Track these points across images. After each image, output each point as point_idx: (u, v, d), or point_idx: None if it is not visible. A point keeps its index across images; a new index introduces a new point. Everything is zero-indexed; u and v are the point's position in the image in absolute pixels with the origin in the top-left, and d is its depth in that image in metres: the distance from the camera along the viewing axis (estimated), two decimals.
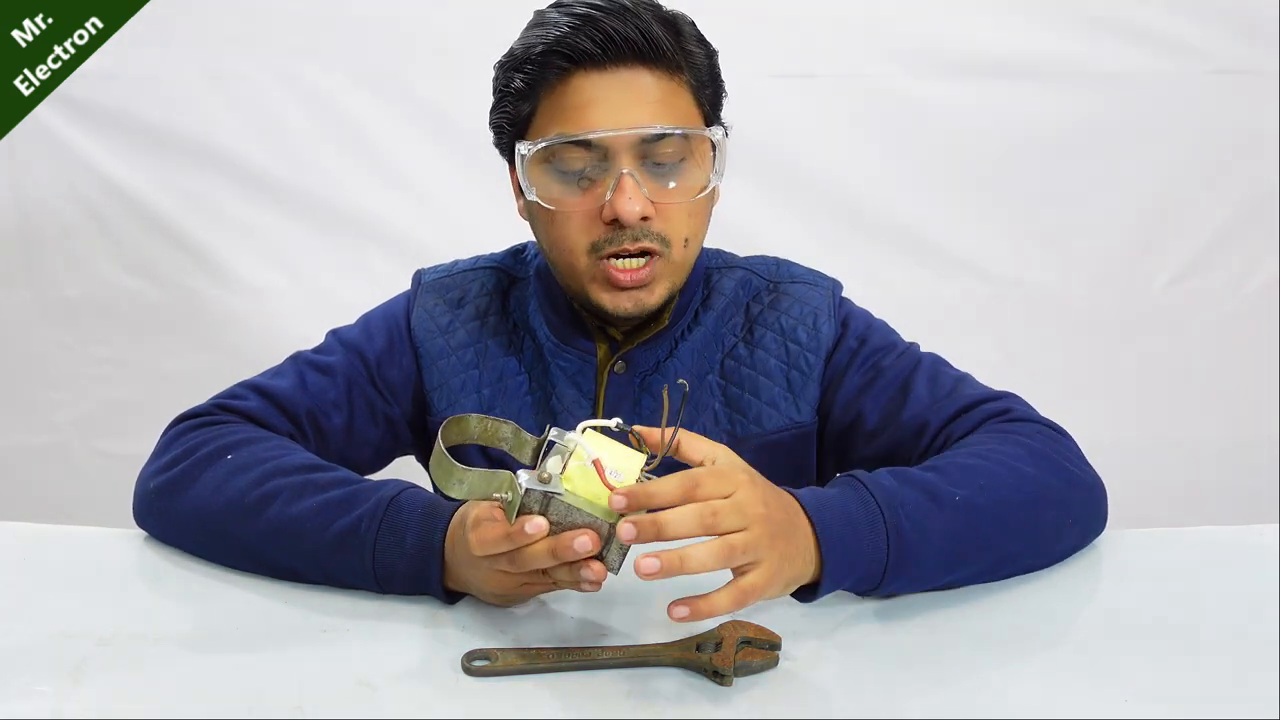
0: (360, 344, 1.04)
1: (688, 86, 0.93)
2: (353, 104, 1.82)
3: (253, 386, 0.99)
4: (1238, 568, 0.88)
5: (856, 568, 0.75)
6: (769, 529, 0.68)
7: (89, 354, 1.93)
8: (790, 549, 0.71)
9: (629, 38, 0.88)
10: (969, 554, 0.80)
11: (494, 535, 0.70)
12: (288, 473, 0.85)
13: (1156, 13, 1.79)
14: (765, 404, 1.01)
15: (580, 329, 1.01)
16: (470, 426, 0.76)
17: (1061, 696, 0.69)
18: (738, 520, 0.67)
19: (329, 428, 1.01)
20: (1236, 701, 0.69)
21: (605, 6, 0.89)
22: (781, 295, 1.04)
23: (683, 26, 0.94)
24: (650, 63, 0.90)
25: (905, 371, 0.98)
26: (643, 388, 1.00)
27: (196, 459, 0.88)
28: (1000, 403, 0.94)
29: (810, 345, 1.01)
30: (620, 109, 0.89)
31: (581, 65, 0.89)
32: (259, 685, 0.70)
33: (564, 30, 0.89)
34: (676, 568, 0.65)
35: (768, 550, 0.68)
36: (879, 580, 0.76)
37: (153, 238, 1.87)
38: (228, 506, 0.84)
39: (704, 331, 1.02)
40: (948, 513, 0.78)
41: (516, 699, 0.69)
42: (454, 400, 1.03)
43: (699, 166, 0.93)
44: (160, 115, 1.82)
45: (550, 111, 0.91)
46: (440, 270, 1.09)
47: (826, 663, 0.73)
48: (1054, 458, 0.87)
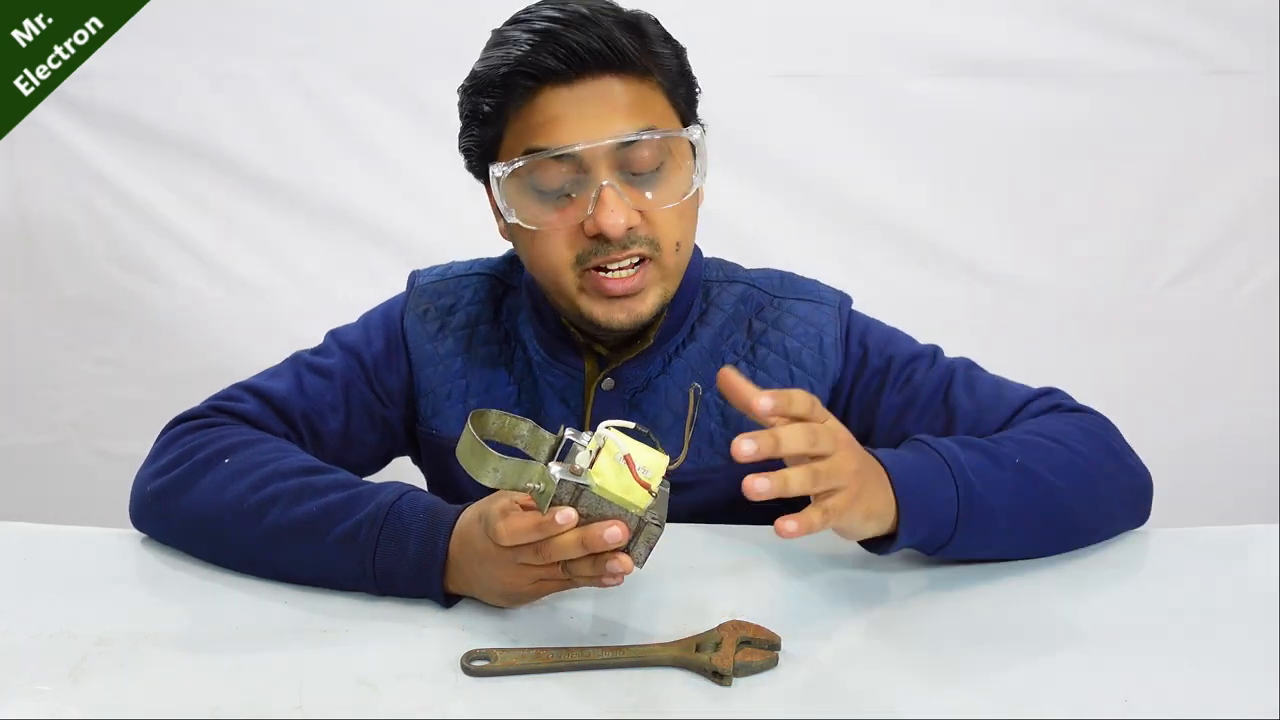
0: (359, 346, 1.03)
1: (659, 89, 0.90)
2: (353, 104, 1.82)
3: (249, 388, 0.99)
4: (1238, 568, 0.88)
5: (931, 516, 0.79)
6: (852, 458, 0.72)
7: (89, 354, 1.93)
8: (869, 482, 0.75)
9: (592, 48, 0.85)
10: (1029, 514, 0.83)
11: (524, 525, 0.71)
12: (286, 476, 0.85)
13: (1156, 13, 1.78)
14: (764, 428, 0.98)
15: (568, 344, 0.99)
16: (489, 421, 0.76)
17: (1061, 696, 0.69)
18: (829, 444, 0.70)
19: (325, 431, 1.00)
20: (1236, 701, 0.69)
21: (564, 19, 0.86)
22: (785, 314, 1.01)
23: (646, 27, 0.90)
24: (617, 70, 0.87)
25: (941, 385, 0.96)
26: (633, 405, 0.98)
27: (195, 462, 0.88)
28: (1046, 399, 0.95)
29: (815, 371, 0.98)
30: (592, 120, 0.86)
31: (547, 82, 0.86)
32: (259, 685, 0.70)
33: (525, 49, 0.86)
34: (780, 489, 0.66)
35: (848, 476, 0.71)
36: (951, 531, 0.79)
37: (153, 238, 1.87)
38: (227, 511, 0.84)
39: (700, 347, 0.99)
40: (1009, 472, 0.82)
41: (516, 699, 0.69)
42: (438, 409, 1.01)
43: (680, 168, 0.90)
44: (160, 115, 1.82)
45: (520, 131, 0.88)
46: (434, 273, 1.07)
47: (826, 663, 0.73)
48: (1105, 439, 0.90)
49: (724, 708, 0.68)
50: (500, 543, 0.72)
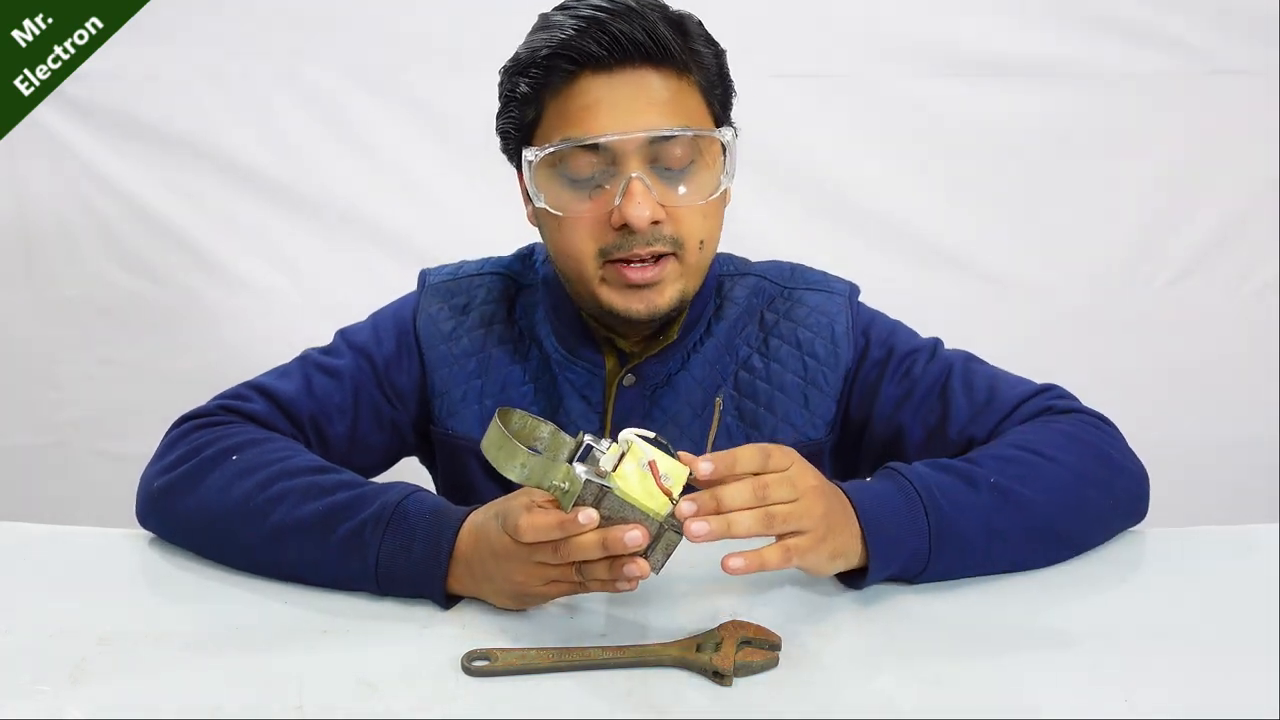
0: (369, 347, 1.02)
1: (696, 87, 0.91)
2: (353, 104, 1.82)
3: (258, 388, 0.98)
4: (1238, 568, 0.88)
5: (902, 547, 0.79)
6: (818, 502, 0.73)
7: (89, 354, 1.93)
8: (836, 523, 0.75)
9: (635, 39, 0.87)
10: (1009, 532, 0.83)
11: (547, 522, 0.71)
12: (293, 475, 0.85)
13: (1157, 13, 1.79)
14: (780, 420, 0.99)
15: (589, 341, 0.99)
16: (512, 420, 0.77)
17: (1061, 696, 0.69)
18: (788, 492, 0.71)
19: (332, 434, 1.00)
20: (1236, 701, 0.69)
21: (611, 8, 0.87)
22: (796, 304, 1.02)
23: (690, 26, 0.91)
24: (657, 64, 0.88)
25: (939, 379, 0.97)
26: (653, 401, 0.99)
27: (202, 460, 0.88)
28: (1041, 399, 0.95)
29: (828, 361, 0.99)
30: (628, 111, 0.87)
31: (587, 67, 0.87)
32: (259, 685, 0.70)
33: (569, 33, 0.87)
34: (723, 531, 0.69)
35: (814, 520, 0.72)
36: (926, 558, 0.79)
37: (153, 238, 1.87)
38: (233, 509, 0.84)
39: (716, 342, 1.00)
40: (983, 492, 0.82)
41: (516, 699, 0.69)
42: (454, 410, 1.01)
43: (709, 168, 0.91)
44: (160, 115, 1.82)
45: (556, 116, 0.89)
46: (445, 272, 1.07)
47: (826, 663, 0.73)
48: (1093, 443, 0.89)
49: (724, 707, 0.68)
50: (521, 538, 0.72)
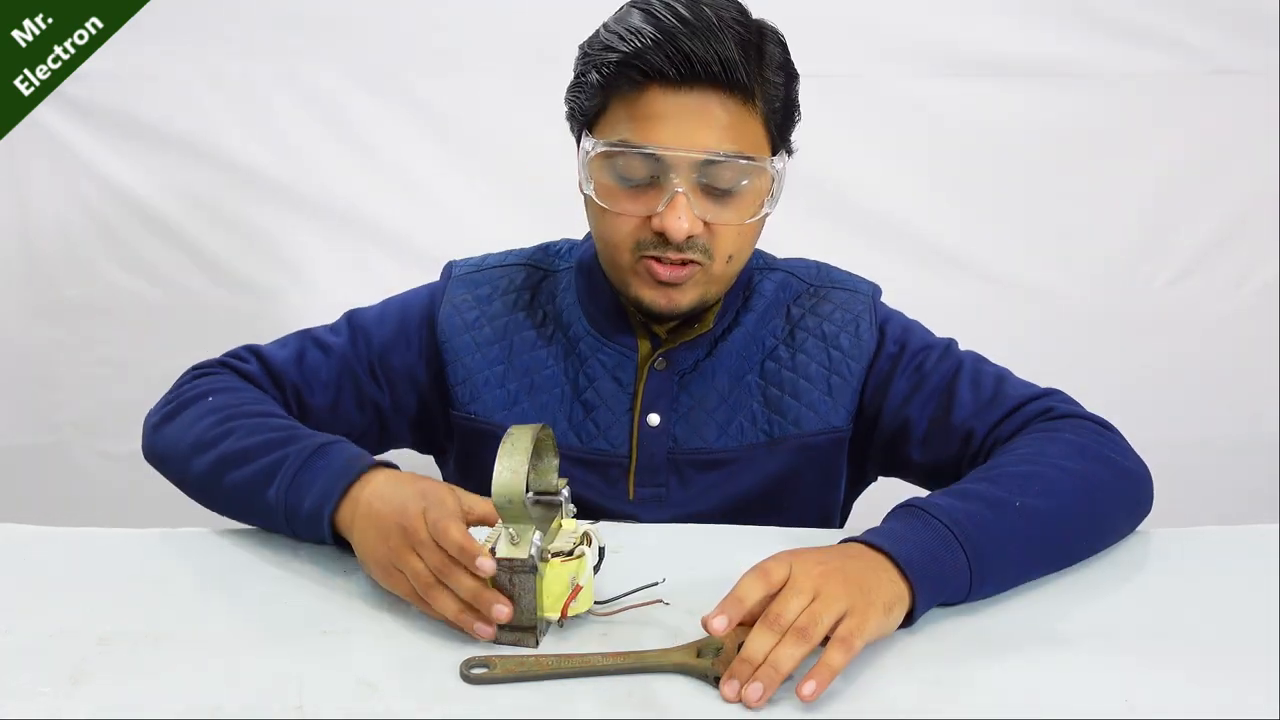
0: (369, 328, 1.07)
1: (758, 112, 0.91)
2: (353, 104, 1.82)
3: (255, 351, 1.05)
4: (1238, 568, 0.88)
5: (947, 587, 0.77)
6: (835, 583, 0.71)
7: (89, 354, 1.93)
8: (871, 583, 0.73)
9: (706, 61, 0.87)
10: (1040, 554, 0.83)
11: (454, 537, 0.72)
12: (250, 416, 0.91)
13: (1156, 13, 1.78)
14: (805, 406, 1.02)
15: (623, 324, 1.02)
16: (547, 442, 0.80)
17: (1062, 696, 0.69)
18: (800, 601, 0.70)
19: (311, 405, 1.04)
20: (1236, 701, 0.69)
21: (691, 22, 0.87)
22: (823, 300, 1.05)
23: (767, 48, 0.92)
24: (724, 87, 0.89)
25: (947, 375, 1.00)
26: (681, 386, 1.01)
27: (182, 400, 0.96)
28: (1043, 401, 0.97)
29: (853, 353, 1.03)
30: (687, 129, 0.89)
31: (656, 81, 0.89)
32: (259, 685, 0.70)
33: (646, 43, 0.88)
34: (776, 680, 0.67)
35: (843, 599, 0.70)
36: (966, 592, 0.79)
37: (153, 238, 1.86)
38: (192, 440, 0.91)
39: (743, 332, 1.03)
40: (1012, 518, 0.81)
41: (516, 700, 0.69)
42: (477, 395, 1.04)
43: (755, 192, 0.93)
44: (160, 115, 1.81)
45: (619, 115, 0.91)
46: (470, 264, 1.11)
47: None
48: (1099, 450, 0.90)
49: (725, 709, 0.68)
50: (433, 531, 0.74)
